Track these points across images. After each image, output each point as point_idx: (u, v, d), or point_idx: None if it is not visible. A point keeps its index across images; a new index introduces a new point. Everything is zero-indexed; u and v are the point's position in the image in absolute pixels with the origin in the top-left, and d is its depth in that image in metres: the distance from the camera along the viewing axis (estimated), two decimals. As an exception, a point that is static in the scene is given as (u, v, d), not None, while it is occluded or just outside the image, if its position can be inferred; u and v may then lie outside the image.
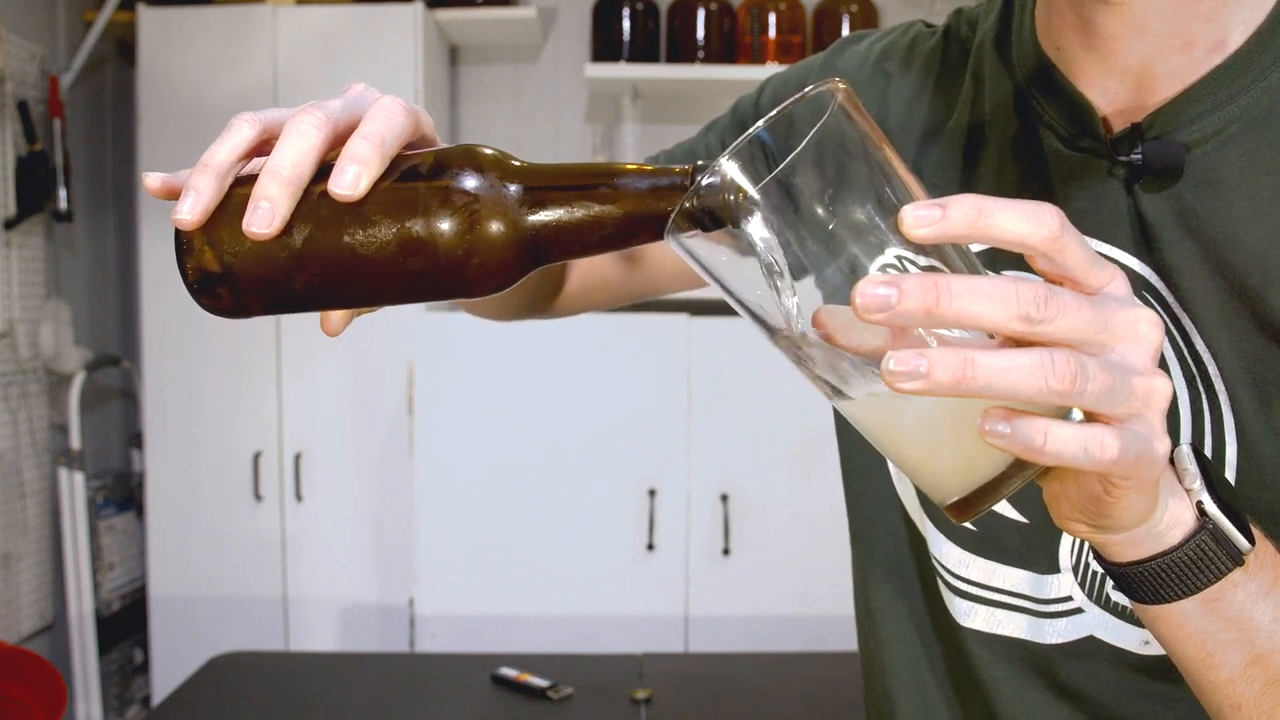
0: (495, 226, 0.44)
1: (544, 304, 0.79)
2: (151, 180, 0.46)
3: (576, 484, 2.28)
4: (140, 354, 2.47)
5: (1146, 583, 0.42)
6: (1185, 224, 0.51)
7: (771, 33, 2.52)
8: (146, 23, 2.38)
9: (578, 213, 0.44)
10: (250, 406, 2.44)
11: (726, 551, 2.27)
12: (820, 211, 0.36)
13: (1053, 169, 0.56)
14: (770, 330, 0.40)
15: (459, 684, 1.64)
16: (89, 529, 2.49)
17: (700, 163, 0.43)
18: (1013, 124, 0.59)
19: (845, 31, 2.51)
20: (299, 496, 2.45)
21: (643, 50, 2.55)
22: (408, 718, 1.53)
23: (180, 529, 2.45)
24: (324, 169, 0.44)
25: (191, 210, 0.43)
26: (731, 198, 0.37)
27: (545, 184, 0.44)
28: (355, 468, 2.46)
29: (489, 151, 0.45)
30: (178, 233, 0.44)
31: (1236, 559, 0.41)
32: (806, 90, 0.37)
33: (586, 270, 0.79)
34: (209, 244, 0.44)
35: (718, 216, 0.37)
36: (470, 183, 0.44)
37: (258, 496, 2.44)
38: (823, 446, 2.25)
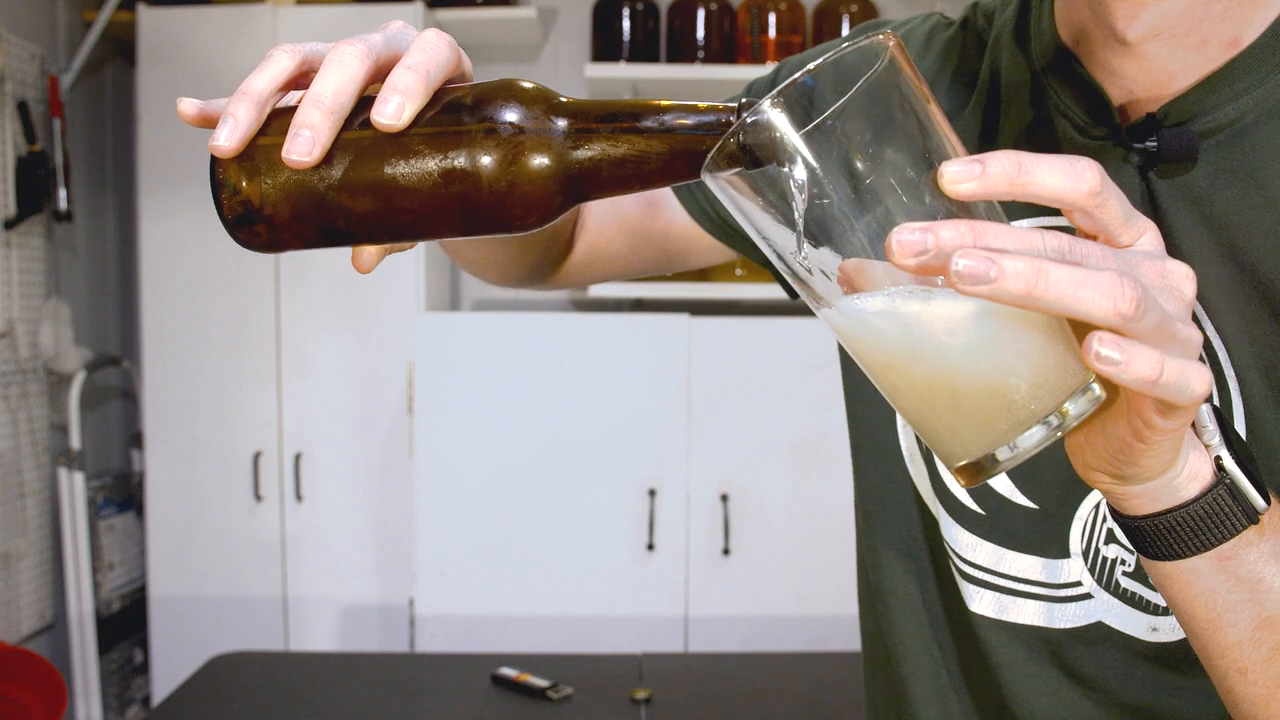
0: (539, 160, 0.43)
1: (548, 272, 0.79)
2: (186, 106, 0.45)
3: (576, 484, 2.28)
4: (140, 354, 2.47)
5: (1161, 537, 0.42)
6: (1199, 211, 0.52)
7: (771, 33, 2.52)
8: (146, 23, 2.38)
9: (622, 148, 0.44)
10: (250, 406, 2.44)
11: (726, 551, 2.27)
12: (861, 161, 0.36)
13: None
14: (800, 279, 0.39)
15: (459, 684, 1.64)
16: (89, 529, 2.49)
17: (745, 100, 0.43)
18: (1028, 112, 0.60)
19: (845, 32, 2.51)
20: (299, 496, 2.45)
21: (643, 50, 2.55)
22: (408, 718, 1.53)
23: (180, 529, 2.45)
24: (364, 102, 0.43)
25: (229, 138, 0.42)
26: (775, 138, 0.36)
27: (591, 118, 0.44)
28: (355, 468, 2.46)
29: (531, 85, 0.45)
30: (213, 166, 0.44)
31: (1252, 516, 0.41)
32: (858, 40, 0.37)
33: (592, 241, 0.79)
34: (245, 176, 0.43)
35: (758, 157, 0.37)
36: (515, 116, 0.43)
37: (258, 497, 2.44)
38: (823, 446, 2.25)
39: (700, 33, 2.53)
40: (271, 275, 2.41)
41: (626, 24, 2.54)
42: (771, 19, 2.51)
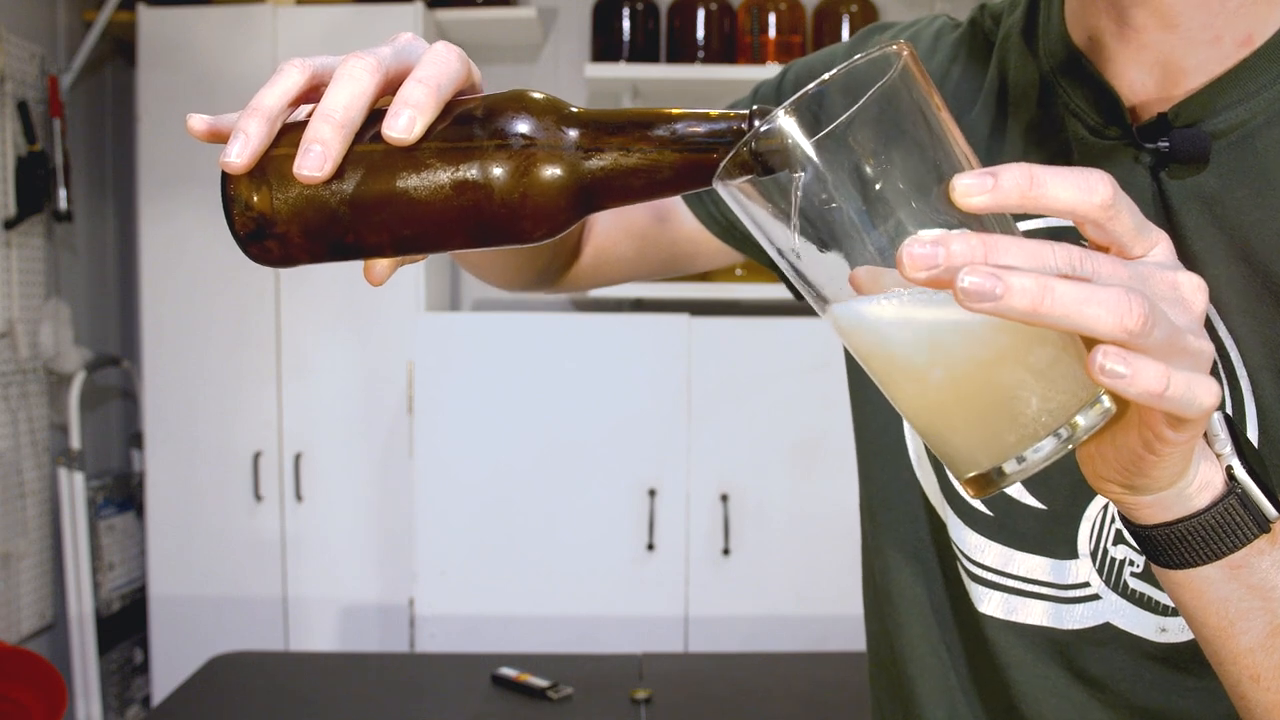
0: (551, 171, 0.43)
1: (556, 276, 0.79)
2: (196, 122, 0.45)
3: (576, 484, 2.28)
4: (140, 354, 2.47)
5: (1172, 546, 0.42)
6: (1210, 211, 0.52)
7: (771, 33, 2.52)
8: (146, 23, 2.38)
9: (635, 158, 0.44)
10: (250, 406, 2.44)
11: (726, 551, 2.27)
12: (872, 169, 0.36)
13: (1078, 156, 0.57)
14: (811, 288, 0.39)
15: (459, 684, 1.64)
16: (89, 529, 2.49)
17: (756, 107, 0.43)
18: (1037, 113, 0.60)
19: (845, 33, 2.51)
20: (299, 496, 2.45)
21: (643, 50, 2.55)
22: (408, 718, 1.53)
23: (180, 529, 2.45)
24: (374, 115, 0.43)
25: (240, 154, 0.42)
26: (787, 145, 0.36)
27: (603, 129, 0.44)
28: (355, 468, 2.46)
29: (542, 96, 0.45)
30: (224, 181, 0.44)
31: (1263, 525, 0.41)
32: (871, 50, 0.37)
33: (599, 245, 0.79)
34: (256, 191, 0.43)
35: (770, 165, 0.37)
36: (527, 127, 0.43)
37: (258, 496, 2.44)
38: (823, 446, 2.25)
39: (700, 33, 2.53)
40: (271, 275, 2.41)
41: (626, 24, 2.54)
42: (771, 19, 2.51)
